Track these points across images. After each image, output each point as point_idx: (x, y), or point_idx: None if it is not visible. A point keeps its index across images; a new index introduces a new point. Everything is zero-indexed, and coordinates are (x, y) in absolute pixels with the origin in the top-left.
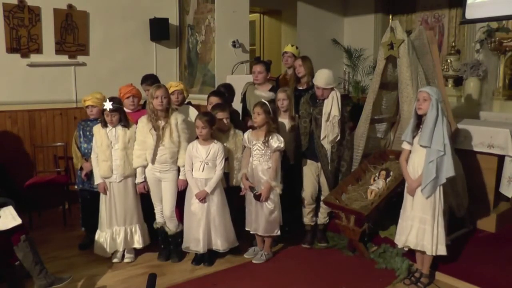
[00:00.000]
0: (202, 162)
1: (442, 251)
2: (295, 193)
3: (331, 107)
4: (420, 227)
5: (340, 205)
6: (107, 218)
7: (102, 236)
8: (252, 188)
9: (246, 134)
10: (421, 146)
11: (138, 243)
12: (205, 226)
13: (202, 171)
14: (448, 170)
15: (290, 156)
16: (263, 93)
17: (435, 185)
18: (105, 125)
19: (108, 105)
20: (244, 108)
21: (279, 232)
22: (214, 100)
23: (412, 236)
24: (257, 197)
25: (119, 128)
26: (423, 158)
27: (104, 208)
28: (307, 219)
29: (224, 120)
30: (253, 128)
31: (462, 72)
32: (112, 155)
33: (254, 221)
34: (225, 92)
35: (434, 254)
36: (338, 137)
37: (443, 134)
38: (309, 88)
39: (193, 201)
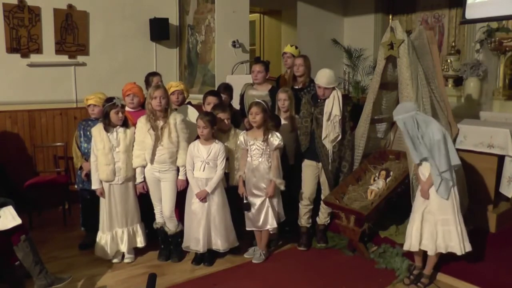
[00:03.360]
0: (203, 162)
1: (468, 247)
2: (296, 193)
3: (332, 106)
4: (445, 229)
5: (340, 205)
6: (107, 220)
7: (103, 238)
8: (245, 196)
9: (241, 136)
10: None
11: (140, 242)
12: (205, 225)
13: (203, 170)
14: (454, 159)
15: (290, 156)
16: (258, 92)
17: (447, 185)
18: (108, 127)
19: (118, 101)
20: (242, 109)
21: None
22: (212, 100)
23: (440, 240)
24: (247, 207)
25: (120, 130)
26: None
27: (104, 210)
28: (303, 220)
29: (225, 121)
30: (247, 129)
31: (462, 72)
32: (114, 158)
33: (257, 220)
34: (225, 92)
35: (463, 253)
36: (339, 137)
37: (432, 135)
38: (305, 88)
39: (193, 200)
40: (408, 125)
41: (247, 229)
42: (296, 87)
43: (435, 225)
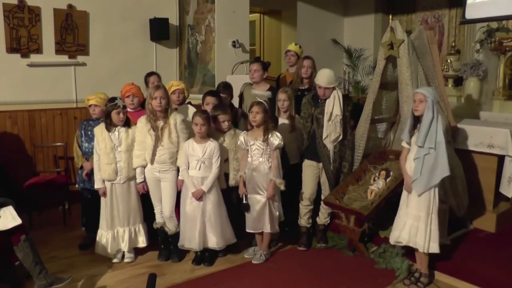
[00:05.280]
0: (199, 161)
1: (435, 249)
2: (296, 193)
3: (333, 106)
4: (413, 224)
5: (340, 205)
6: (108, 219)
7: (104, 236)
8: (245, 197)
9: (241, 136)
10: (418, 146)
11: (142, 242)
12: (200, 224)
13: (199, 169)
14: (443, 170)
15: (290, 156)
16: (260, 91)
17: (428, 183)
18: (109, 127)
19: (120, 102)
20: (241, 109)
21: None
22: (210, 100)
23: (405, 232)
24: (246, 208)
25: (122, 130)
26: None
27: (105, 209)
28: (303, 221)
29: (226, 123)
30: (246, 129)
31: (462, 72)
32: (116, 157)
33: (258, 221)
34: (225, 91)
35: (426, 251)
36: (341, 137)
37: (436, 133)
38: (311, 88)
39: (188, 199)
40: (431, 107)
41: (247, 231)
42: (302, 87)
43: (407, 217)
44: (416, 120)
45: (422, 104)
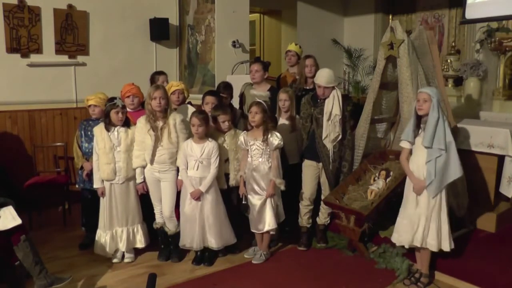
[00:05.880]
0: (197, 161)
1: (446, 247)
2: (296, 193)
3: (332, 106)
4: (426, 225)
5: (340, 205)
6: (107, 219)
7: (103, 236)
8: (245, 197)
9: (241, 136)
10: (425, 147)
11: (140, 242)
12: (199, 224)
13: (197, 169)
14: (456, 170)
15: (290, 156)
16: (259, 92)
17: (441, 185)
18: (108, 126)
19: (119, 102)
20: (241, 109)
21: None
22: (210, 99)
23: (419, 234)
24: (245, 208)
25: (121, 130)
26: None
27: (104, 209)
28: (303, 220)
29: (226, 122)
30: (246, 129)
31: (462, 72)
32: (115, 157)
33: (259, 221)
34: (225, 91)
35: (444, 249)
36: (340, 136)
37: (445, 133)
38: (315, 88)
39: (188, 199)
40: (436, 107)
41: (252, 230)
42: (307, 87)
43: (419, 218)
44: (419, 120)
45: (427, 104)
